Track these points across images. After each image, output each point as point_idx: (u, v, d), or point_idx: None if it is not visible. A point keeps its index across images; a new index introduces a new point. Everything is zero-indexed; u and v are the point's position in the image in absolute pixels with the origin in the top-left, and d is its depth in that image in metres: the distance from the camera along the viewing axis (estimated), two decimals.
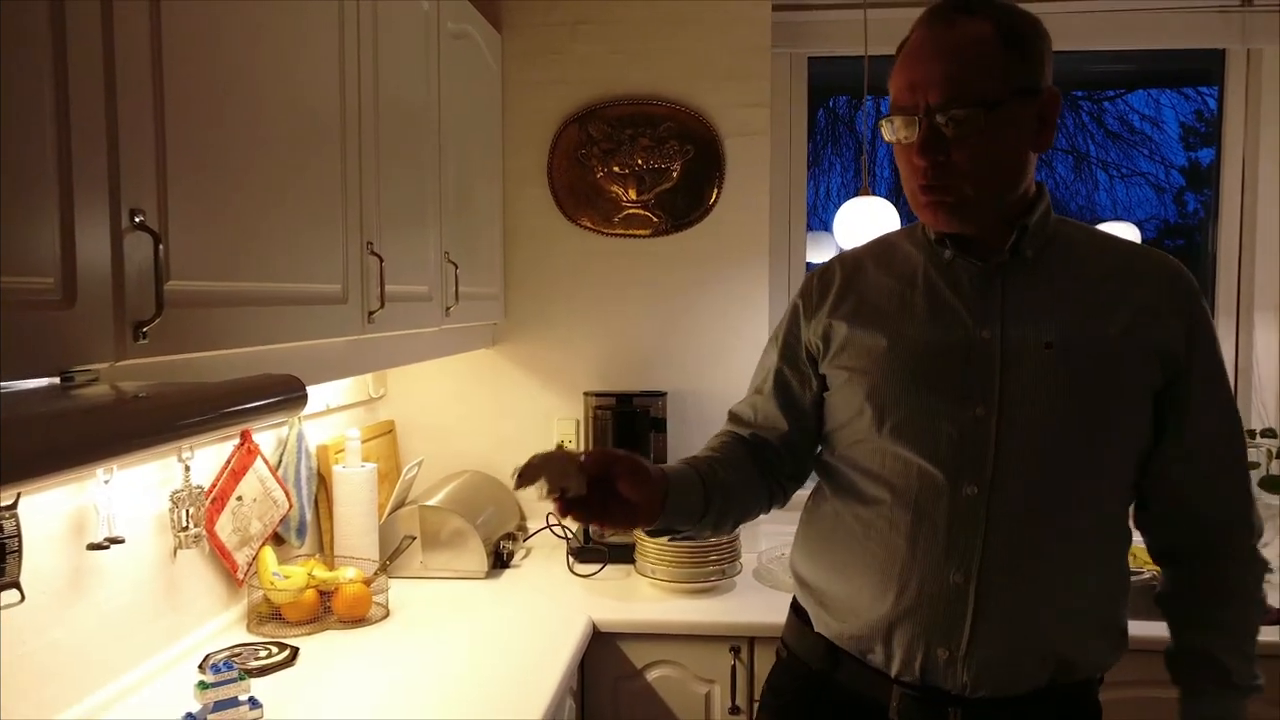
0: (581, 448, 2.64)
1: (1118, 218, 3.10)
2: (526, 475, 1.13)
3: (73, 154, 0.93)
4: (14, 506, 1.30)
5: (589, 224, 2.62)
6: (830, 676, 1.33)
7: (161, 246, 1.05)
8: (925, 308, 1.28)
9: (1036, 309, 1.24)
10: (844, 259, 1.41)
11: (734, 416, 1.47)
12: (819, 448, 1.42)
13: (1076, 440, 1.21)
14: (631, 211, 2.60)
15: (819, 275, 1.41)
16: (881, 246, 1.41)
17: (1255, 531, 1.31)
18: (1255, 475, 2.56)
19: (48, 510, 1.46)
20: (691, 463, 1.34)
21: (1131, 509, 1.34)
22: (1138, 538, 1.36)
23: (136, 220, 1.03)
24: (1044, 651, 1.23)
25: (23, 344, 0.89)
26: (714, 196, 2.58)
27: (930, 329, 1.26)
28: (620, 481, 1.16)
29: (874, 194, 2.42)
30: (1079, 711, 1.31)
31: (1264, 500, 2.53)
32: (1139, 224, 3.03)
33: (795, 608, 1.43)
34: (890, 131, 1.23)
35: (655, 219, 2.60)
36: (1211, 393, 1.26)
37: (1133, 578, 2.33)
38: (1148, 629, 1.96)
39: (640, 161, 2.58)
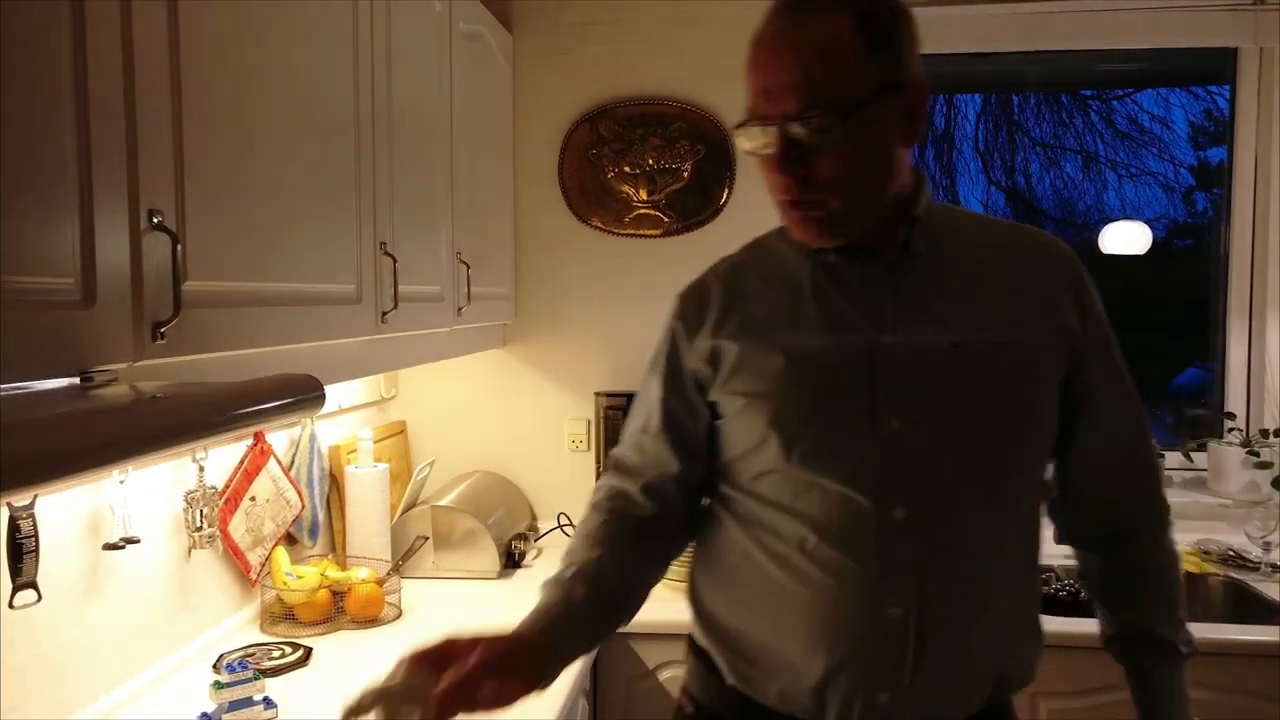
0: (592, 449, 2.63)
1: (1127, 217, 3.09)
2: (354, 713, 1.03)
3: (92, 155, 0.93)
4: (31, 507, 1.31)
5: (600, 224, 2.62)
6: None
7: (179, 247, 1.06)
8: (818, 317, 1.16)
9: (936, 307, 1.15)
10: (719, 271, 1.28)
11: (620, 465, 1.32)
12: (713, 482, 1.28)
13: (998, 442, 1.13)
14: (642, 211, 2.60)
15: (694, 293, 1.27)
16: (759, 253, 1.28)
17: (1168, 508, 1.30)
18: (1268, 475, 2.57)
19: (64, 510, 1.46)
20: (569, 594, 1.20)
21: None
22: None
23: (155, 221, 1.03)
24: (988, 670, 1.16)
25: (43, 344, 0.89)
26: (725, 196, 2.58)
27: (828, 340, 1.15)
28: (484, 686, 1.06)
29: None
30: None
31: (1277, 499, 2.52)
32: (1148, 223, 3.02)
33: (697, 651, 1.28)
34: (747, 141, 1.11)
35: (666, 219, 2.60)
36: (1115, 376, 1.22)
37: None
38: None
39: (651, 161, 2.58)
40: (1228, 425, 2.75)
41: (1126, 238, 2.95)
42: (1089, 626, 1.96)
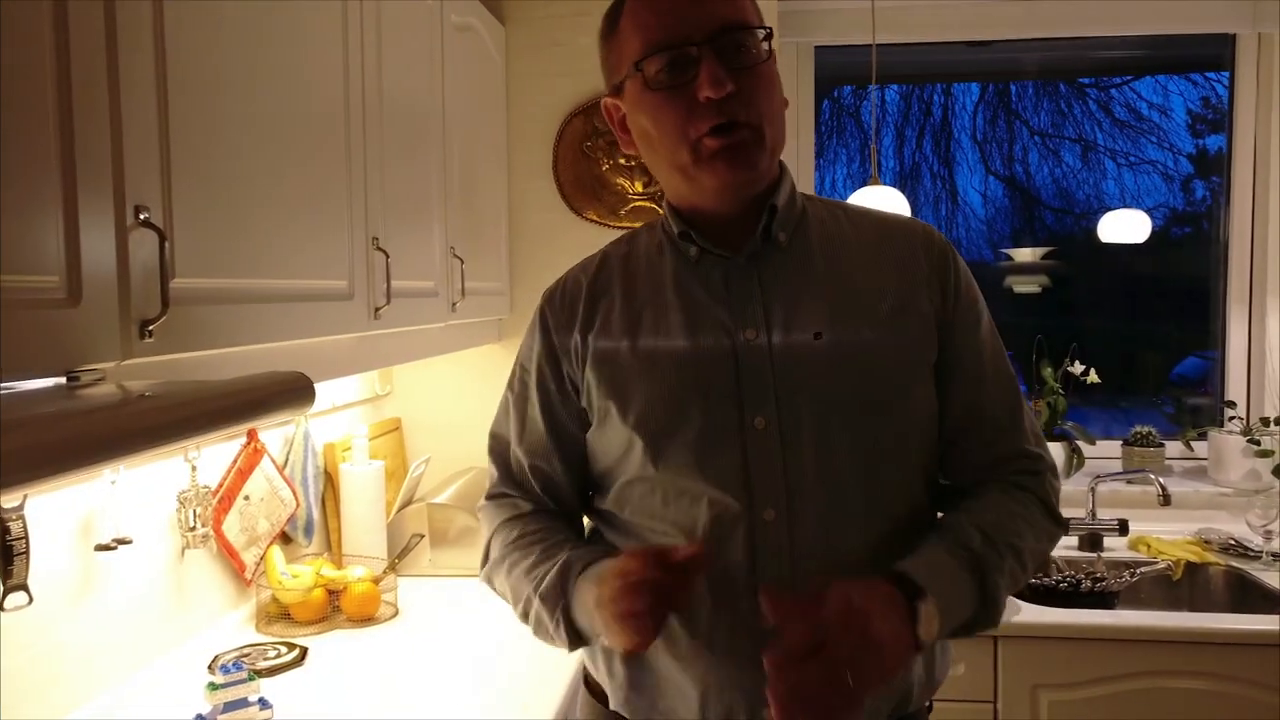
0: None
1: (1126, 206, 3.08)
2: None
3: (76, 151, 0.91)
4: (21, 508, 1.29)
5: (595, 217, 2.60)
6: None
7: (167, 243, 1.03)
8: (681, 315, 1.13)
9: (799, 298, 1.12)
10: (585, 267, 1.25)
11: (497, 495, 1.27)
12: (590, 496, 1.25)
13: (867, 431, 1.09)
14: (638, 204, 2.59)
15: (559, 291, 1.23)
16: (621, 251, 1.24)
17: (1048, 456, 1.19)
18: (1269, 463, 2.56)
19: (55, 512, 1.45)
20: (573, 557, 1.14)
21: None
22: None
23: (141, 217, 1.01)
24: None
25: (28, 343, 0.87)
26: None
27: (691, 339, 1.11)
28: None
29: (881, 184, 2.40)
30: None
31: (1277, 488, 2.52)
32: (1148, 212, 3.01)
33: (586, 680, 1.25)
34: (649, 80, 1.06)
35: (661, 211, 2.58)
36: (984, 346, 1.17)
37: (1145, 568, 2.34)
38: (1167, 619, 1.97)
39: None
40: (1228, 414, 2.75)
41: (1125, 226, 2.94)
42: (1088, 619, 1.97)
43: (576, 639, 1.13)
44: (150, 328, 1.02)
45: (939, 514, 1.19)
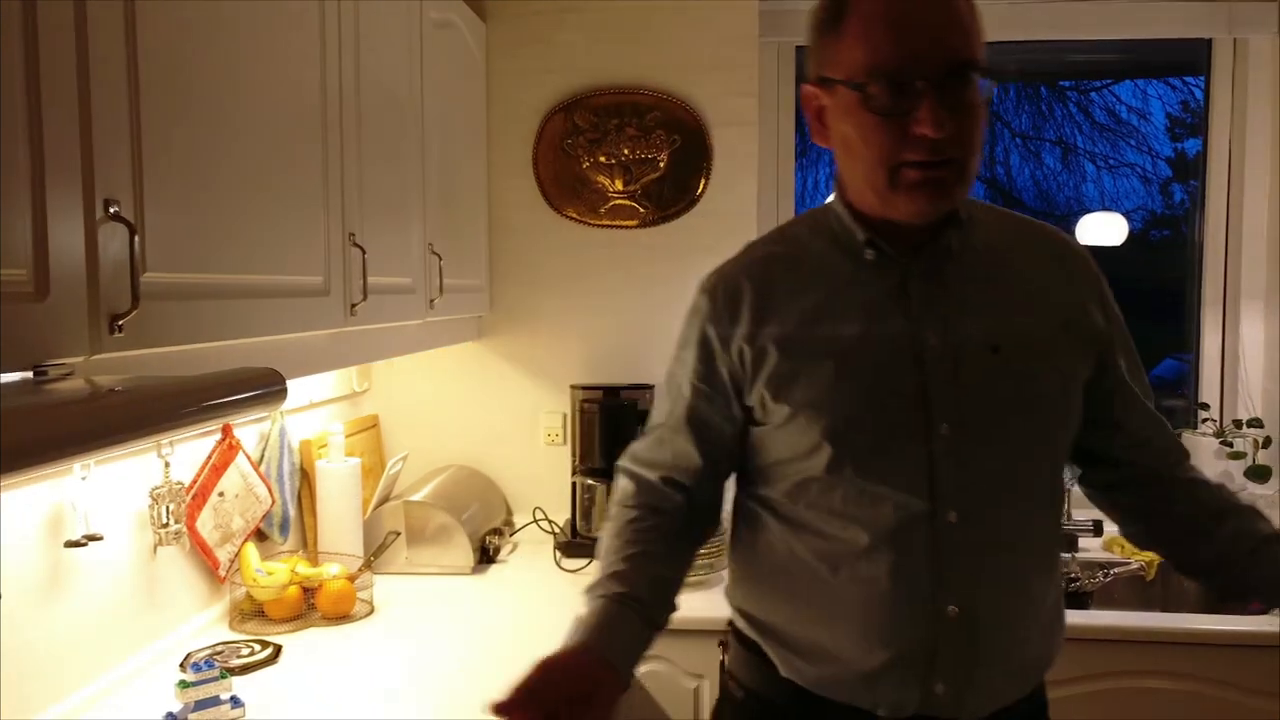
0: (568, 443, 2.61)
1: (1105, 209, 3.10)
2: None
3: (45, 143, 0.90)
4: None
5: (575, 215, 2.60)
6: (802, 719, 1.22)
7: (137, 238, 1.02)
8: (861, 319, 1.14)
9: (974, 306, 1.15)
10: (747, 264, 1.24)
11: (638, 458, 1.32)
12: (748, 479, 1.28)
13: (1036, 441, 1.16)
14: (618, 202, 2.58)
15: (723, 289, 1.22)
16: (787, 247, 1.24)
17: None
18: (1241, 465, 2.59)
19: (23, 507, 1.43)
20: (624, 596, 1.19)
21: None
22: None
23: (111, 211, 1.00)
24: (1035, 660, 1.21)
25: None
26: (701, 187, 2.56)
27: (873, 344, 1.13)
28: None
29: None
30: (1042, 704, 1.28)
31: (1251, 490, 2.54)
32: (1126, 215, 3.03)
33: (745, 643, 1.28)
34: (867, 99, 1.05)
35: (642, 209, 2.58)
36: (1134, 358, 1.27)
37: (1119, 568, 2.36)
38: (1140, 619, 1.99)
39: (627, 151, 2.55)
40: (1201, 416, 2.77)
41: (1103, 229, 2.96)
42: (1088, 618, 1.98)
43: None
44: (120, 323, 1.01)
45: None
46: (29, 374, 0.92)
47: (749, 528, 1.28)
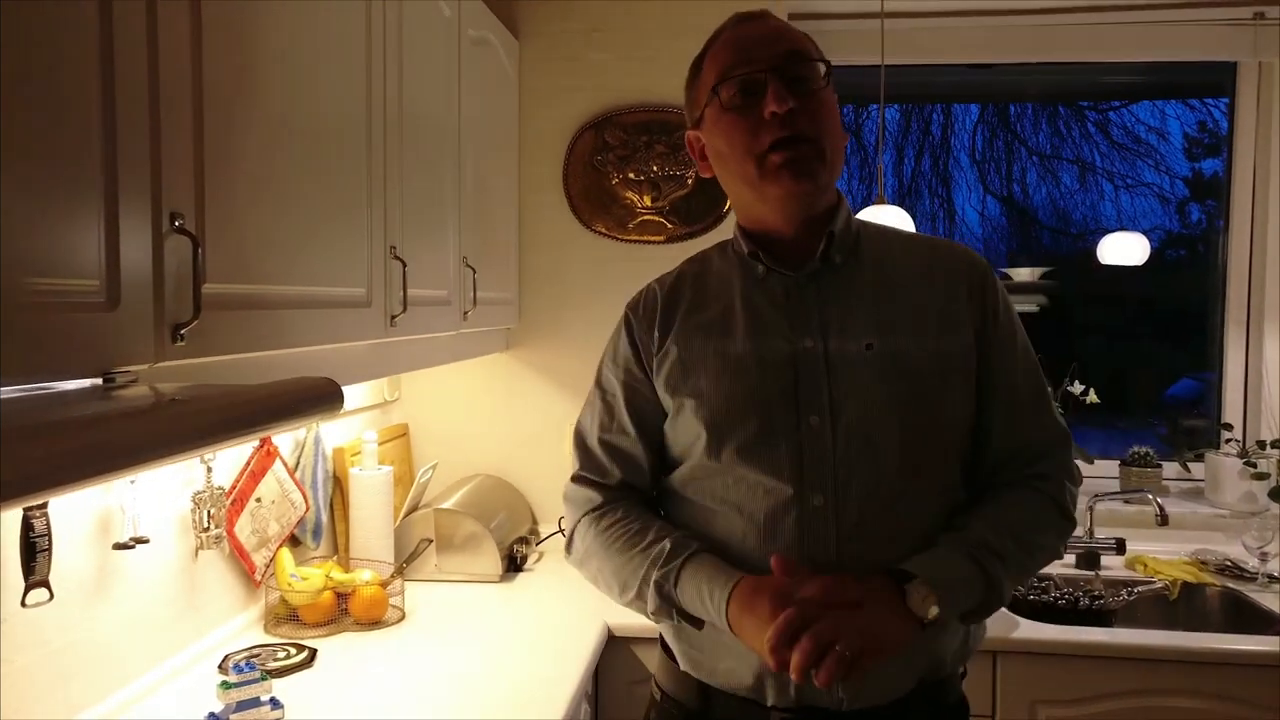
0: None
1: (1122, 228, 3.11)
2: None
3: (118, 159, 0.95)
4: (44, 506, 1.31)
5: (603, 229, 2.64)
6: (705, 715, 1.30)
7: (200, 249, 1.07)
8: (747, 325, 1.28)
9: (853, 314, 1.26)
10: (663, 284, 1.39)
11: (584, 479, 1.38)
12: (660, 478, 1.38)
13: (907, 431, 1.22)
14: (646, 218, 2.62)
15: (641, 304, 1.39)
16: (695, 268, 1.40)
17: (1069, 463, 1.31)
18: (1265, 486, 2.59)
19: (76, 510, 1.47)
20: (694, 550, 1.24)
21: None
22: None
23: (176, 224, 1.04)
24: (912, 654, 1.19)
25: (69, 345, 0.90)
26: (728, 203, 2.59)
27: (755, 346, 1.27)
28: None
29: (887, 203, 2.43)
30: (946, 707, 1.30)
31: (1273, 510, 2.54)
32: (1144, 234, 3.04)
33: (663, 644, 1.38)
34: (724, 103, 1.24)
35: (670, 225, 2.61)
36: (1018, 362, 1.30)
37: (1142, 587, 2.37)
38: (1163, 639, 2.00)
39: (655, 168, 2.59)
40: (1225, 436, 2.77)
41: (1125, 249, 2.97)
42: (1086, 636, 1.99)
43: (683, 616, 1.24)
44: (182, 331, 1.05)
45: None
46: (98, 381, 0.96)
47: None
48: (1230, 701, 1.94)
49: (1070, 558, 2.50)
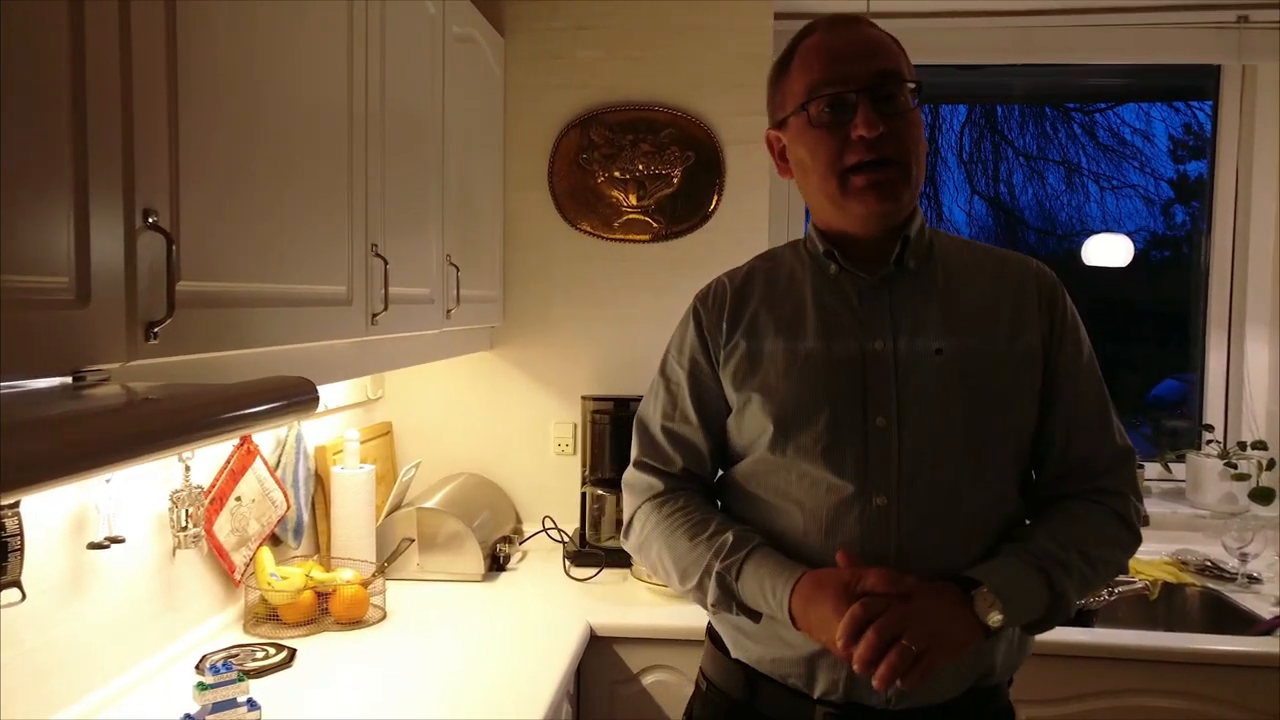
0: (578, 453, 2.64)
1: (1108, 229, 3.13)
2: None
3: (89, 154, 0.93)
4: (16, 505, 1.30)
5: (589, 228, 2.63)
6: (750, 705, 1.31)
7: (174, 247, 1.05)
8: (818, 324, 1.30)
9: (924, 318, 1.27)
10: (734, 279, 1.41)
11: (645, 465, 1.40)
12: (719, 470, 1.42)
13: (972, 436, 1.24)
14: (631, 217, 2.61)
15: (710, 293, 1.40)
16: (768, 263, 1.42)
17: (1132, 479, 1.32)
18: (1245, 486, 2.60)
19: (49, 509, 1.45)
20: (757, 544, 1.27)
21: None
22: None
23: (150, 220, 1.03)
24: (967, 659, 1.21)
25: (37, 343, 0.89)
26: (714, 203, 2.59)
27: (825, 345, 1.28)
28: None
29: None
30: (992, 713, 1.31)
31: (1254, 511, 2.56)
32: (1129, 235, 3.05)
33: (711, 633, 1.41)
34: (812, 117, 1.23)
35: (655, 224, 2.61)
36: (1082, 372, 1.31)
37: (1122, 587, 2.37)
38: (1143, 639, 2.00)
39: (641, 167, 2.59)
40: (1206, 437, 2.78)
41: (1109, 250, 2.99)
42: (1066, 636, 1.99)
43: (742, 609, 1.26)
44: (156, 330, 1.04)
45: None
46: (68, 379, 0.95)
47: None
48: (1210, 701, 1.94)
49: None
